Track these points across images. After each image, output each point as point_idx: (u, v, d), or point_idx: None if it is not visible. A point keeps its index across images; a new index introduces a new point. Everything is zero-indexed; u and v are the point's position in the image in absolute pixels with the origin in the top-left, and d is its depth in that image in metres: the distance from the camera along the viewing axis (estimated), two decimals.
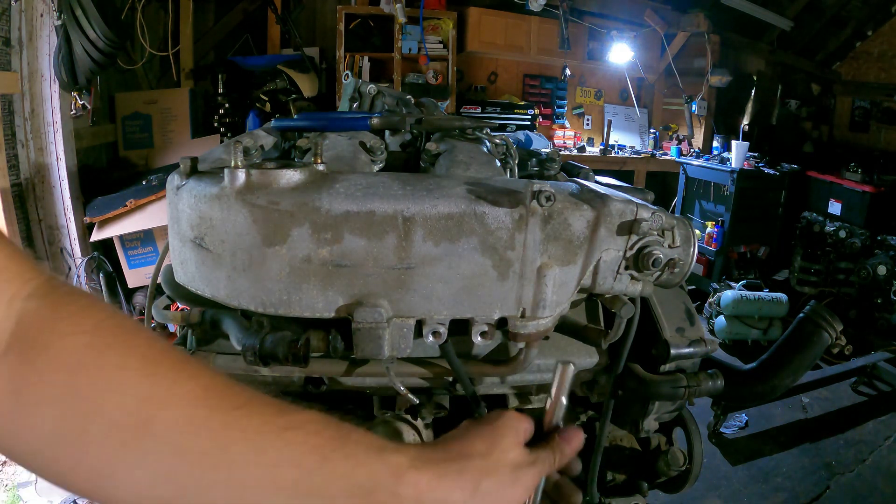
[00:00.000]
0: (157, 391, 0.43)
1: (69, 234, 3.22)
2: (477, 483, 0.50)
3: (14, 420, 0.42)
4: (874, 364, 3.69)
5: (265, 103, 4.43)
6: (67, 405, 0.42)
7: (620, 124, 6.15)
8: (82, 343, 0.43)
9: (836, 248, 4.62)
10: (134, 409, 0.42)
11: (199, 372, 0.46)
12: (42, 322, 0.43)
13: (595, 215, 0.68)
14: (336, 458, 0.45)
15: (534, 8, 4.76)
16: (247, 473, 0.43)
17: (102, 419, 0.42)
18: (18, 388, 0.42)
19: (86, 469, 0.43)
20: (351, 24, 4.87)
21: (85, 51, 2.94)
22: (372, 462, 0.47)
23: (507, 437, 0.56)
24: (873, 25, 5.85)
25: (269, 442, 0.44)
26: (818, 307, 1.00)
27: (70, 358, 0.43)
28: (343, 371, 0.81)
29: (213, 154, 0.85)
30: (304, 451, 0.45)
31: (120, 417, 0.42)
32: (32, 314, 0.43)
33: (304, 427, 0.46)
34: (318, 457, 0.45)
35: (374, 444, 0.48)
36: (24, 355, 0.42)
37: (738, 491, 2.82)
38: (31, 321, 0.43)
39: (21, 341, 0.43)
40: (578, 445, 0.62)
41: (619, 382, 0.87)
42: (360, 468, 0.46)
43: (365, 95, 1.33)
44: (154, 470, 0.42)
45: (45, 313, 0.44)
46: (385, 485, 0.46)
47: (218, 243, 0.67)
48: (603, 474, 1.02)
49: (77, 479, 0.43)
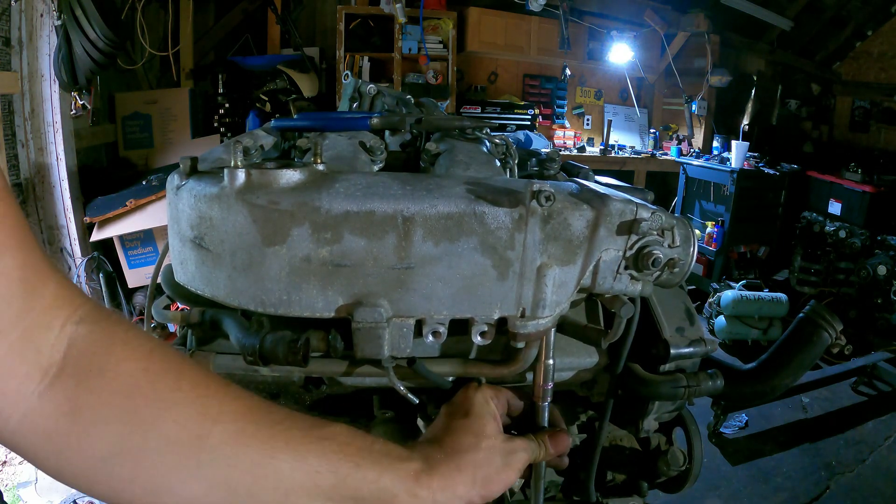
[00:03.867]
0: (210, 410, 0.47)
1: (69, 234, 3.23)
2: (474, 475, 0.58)
3: (70, 439, 0.44)
4: (874, 364, 3.69)
5: (265, 103, 4.43)
6: (125, 424, 0.45)
7: (620, 124, 6.15)
8: (138, 368, 0.47)
9: (836, 248, 4.62)
10: (189, 426, 0.46)
11: (243, 393, 0.51)
12: (96, 347, 0.46)
13: (595, 215, 0.68)
14: (366, 465, 0.51)
15: (534, 8, 4.76)
16: (292, 479, 0.48)
17: (160, 435, 0.45)
18: (76, 408, 0.44)
19: (142, 483, 0.46)
20: (351, 24, 4.88)
21: (85, 51, 2.94)
22: (396, 468, 0.53)
23: (487, 423, 0.64)
24: (873, 25, 5.85)
25: (310, 451, 0.49)
26: (818, 307, 0.99)
27: (127, 381, 0.46)
28: (343, 371, 0.81)
29: (213, 154, 0.85)
30: (340, 459, 0.50)
31: (176, 433, 0.45)
32: (85, 339, 0.46)
33: (337, 438, 0.52)
34: (351, 464, 0.50)
35: (394, 452, 0.55)
36: (80, 378, 0.45)
37: (738, 491, 2.82)
38: (84, 346, 0.46)
39: (76, 365, 0.45)
40: (563, 449, 0.69)
41: (619, 382, 0.87)
42: (385, 474, 0.52)
43: (365, 95, 1.33)
44: (209, 480, 0.46)
45: (98, 338, 0.47)
46: (406, 488, 0.53)
47: (218, 243, 0.67)
48: (603, 474, 1.02)
49: (133, 493, 0.46)
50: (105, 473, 0.45)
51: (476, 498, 0.57)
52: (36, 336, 0.44)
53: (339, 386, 0.88)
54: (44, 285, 0.45)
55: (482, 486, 0.58)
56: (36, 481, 2.39)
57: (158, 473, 0.45)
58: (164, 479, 0.46)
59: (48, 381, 0.44)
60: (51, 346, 0.45)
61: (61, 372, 0.45)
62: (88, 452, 0.44)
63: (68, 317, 0.46)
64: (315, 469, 0.49)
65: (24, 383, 0.43)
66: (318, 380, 0.86)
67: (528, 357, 0.75)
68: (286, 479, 0.48)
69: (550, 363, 0.74)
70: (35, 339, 0.44)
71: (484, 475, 0.59)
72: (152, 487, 0.46)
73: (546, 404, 0.74)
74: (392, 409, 0.91)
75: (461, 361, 0.79)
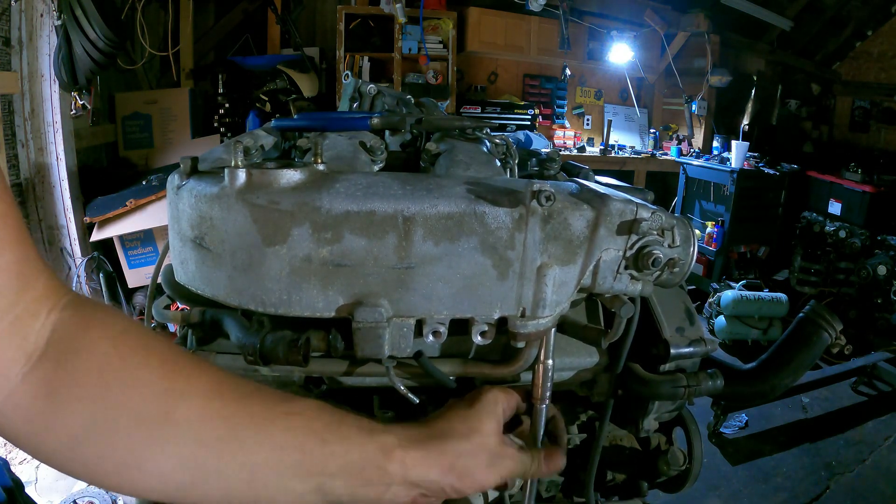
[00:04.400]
0: (176, 385, 0.48)
1: (69, 234, 3.23)
2: (454, 462, 0.56)
3: (47, 418, 0.46)
4: (874, 364, 3.69)
5: (265, 103, 4.43)
6: (96, 402, 0.46)
7: (620, 124, 6.15)
8: (109, 346, 0.48)
9: (836, 248, 4.62)
10: (157, 402, 0.47)
11: (210, 369, 0.52)
12: (74, 330, 0.48)
13: (595, 215, 0.68)
14: (333, 440, 0.51)
15: (534, 8, 4.76)
16: (256, 455, 0.48)
17: (129, 412, 0.46)
18: (53, 389, 0.46)
19: (113, 460, 0.47)
20: (351, 24, 4.88)
21: (85, 51, 2.94)
22: (364, 443, 0.52)
23: (487, 421, 0.62)
24: (873, 25, 5.85)
25: (275, 426, 0.49)
26: (818, 307, 0.99)
27: (99, 360, 0.47)
28: (343, 371, 0.81)
29: (213, 154, 0.85)
30: (305, 434, 0.50)
31: (144, 410, 0.47)
32: (66, 324, 0.48)
33: (304, 413, 0.51)
34: (317, 439, 0.50)
35: (365, 426, 0.54)
36: (57, 360, 0.47)
37: (738, 491, 2.82)
38: (64, 330, 0.48)
39: (55, 348, 0.47)
40: (556, 469, 0.68)
41: (619, 382, 0.87)
42: (354, 449, 0.51)
43: (365, 95, 1.33)
44: (176, 456, 0.47)
45: (77, 322, 0.49)
46: (376, 462, 0.52)
47: (218, 243, 0.67)
48: (603, 474, 1.02)
49: (105, 470, 0.47)
50: (78, 451, 0.46)
51: (448, 487, 0.56)
52: (24, 324, 0.46)
53: (340, 386, 0.88)
54: (36, 279, 0.48)
55: (458, 478, 0.56)
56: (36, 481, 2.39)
57: (127, 450, 0.46)
58: (132, 456, 0.46)
59: (31, 364, 0.46)
60: (36, 333, 0.47)
61: (43, 355, 0.47)
62: (63, 431, 0.46)
63: (54, 305, 0.48)
64: (280, 445, 0.49)
65: (9, 367, 0.45)
66: (318, 379, 0.86)
67: (528, 357, 0.76)
68: (251, 456, 0.48)
69: (550, 363, 0.74)
70: (23, 327, 0.46)
71: (464, 467, 0.57)
72: (122, 464, 0.47)
73: (545, 406, 0.73)
74: (392, 410, 0.91)
75: (461, 361, 0.80)
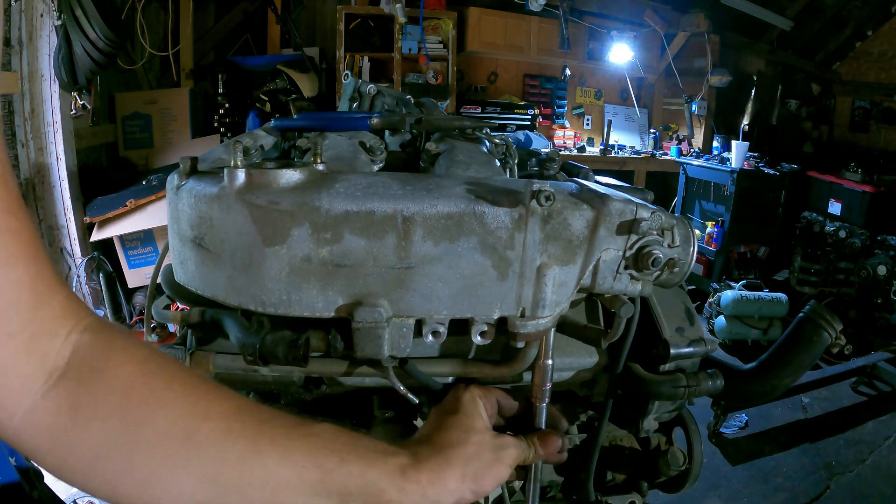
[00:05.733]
0: (199, 408, 0.50)
1: (69, 234, 3.23)
2: (464, 469, 0.58)
3: (69, 435, 0.47)
4: (874, 364, 3.69)
5: (265, 103, 4.43)
6: (120, 420, 0.47)
7: (620, 124, 6.15)
8: (134, 370, 0.50)
9: (836, 248, 4.62)
10: (180, 422, 0.49)
11: (231, 394, 0.54)
12: (96, 352, 0.50)
13: (595, 215, 0.68)
14: (351, 459, 0.52)
15: (534, 8, 4.76)
16: (278, 474, 0.50)
17: (152, 431, 0.48)
18: (75, 406, 0.47)
19: (134, 477, 0.48)
20: (351, 24, 4.88)
21: (85, 51, 2.94)
22: (381, 463, 0.54)
23: (476, 419, 0.64)
24: (873, 25, 5.85)
25: (295, 447, 0.51)
26: (818, 307, 0.99)
27: (123, 382, 0.49)
28: (343, 371, 0.81)
29: (212, 154, 0.85)
30: (325, 454, 0.52)
31: (168, 429, 0.48)
32: (87, 346, 0.50)
33: (322, 435, 0.53)
34: (336, 459, 0.52)
35: (380, 447, 0.55)
36: (80, 379, 0.48)
37: (739, 491, 2.82)
38: (86, 352, 0.49)
39: (77, 368, 0.48)
40: (553, 450, 0.69)
41: (619, 382, 0.87)
42: (371, 468, 0.53)
43: (365, 95, 1.33)
44: (198, 475, 0.48)
45: (99, 345, 0.50)
46: (394, 482, 0.53)
47: (218, 243, 0.67)
48: (603, 474, 1.02)
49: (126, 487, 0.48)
50: (100, 468, 0.47)
51: (467, 493, 0.57)
52: (43, 341, 0.47)
53: (339, 386, 0.88)
54: (52, 297, 0.49)
55: (473, 481, 0.58)
56: None
57: (149, 468, 0.47)
58: (154, 474, 0.47)
59: (52, 382, 0.47)
60: (56, 352, 0.48)
61: (64, 375, 0.48)
62: (85, 447, 0.47)
63: (73, 326, 0.50)
64: (301, 464, 0.50)
65: (29, 383, 0.46)
66: (317, 380, 0.86)
67: (529, 357, 0.76)
68: (272, 475, 0.49)
69: (549, 363, 0.74)
70: (42, 344, 0.47)
71: (474, 470, 0.59)
72: (144, 481, 0.48)
73: (544, 405, 0.73)
74: (392, 409, 0.91)
75: (461, 362, 0.79)
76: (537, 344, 0.74)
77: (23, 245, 0.46)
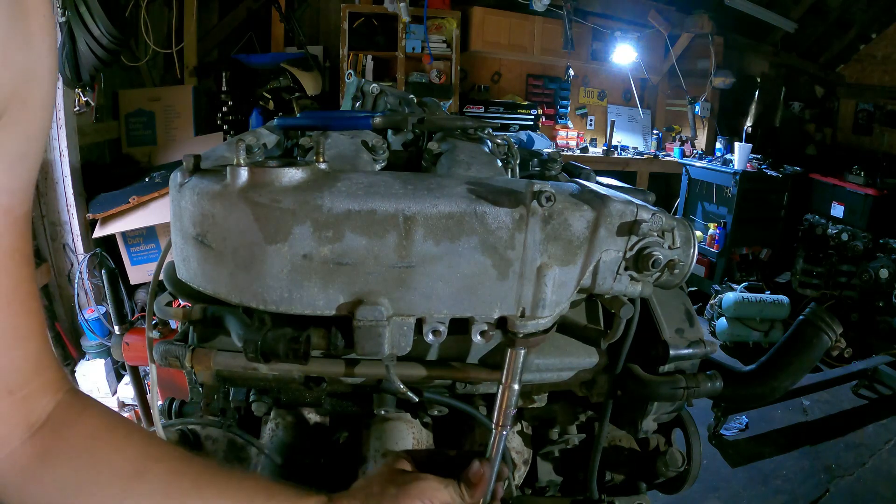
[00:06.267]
0: (151, 452, 0.60)
1: (72, 230, 3.23)
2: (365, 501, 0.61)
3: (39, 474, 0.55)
4: (875, 367, 3.68)
5: (269, 101, 4.43)
6: (84, 460, 0.56)
7: (623, 125, 6.14)
8: (99, 423, 0.60)
9: (839, 251, 4.61)
10: (134, 462, 0.58)
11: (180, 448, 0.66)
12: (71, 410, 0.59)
13: (595, 216, 0.68)
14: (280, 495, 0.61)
15: (537, 8, 4.76)
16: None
17: (110, 469, 0.57)
18: (47, 450, 0.56)
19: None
20: (355, 22, 4.87)
21: (89, 48, 2.95)
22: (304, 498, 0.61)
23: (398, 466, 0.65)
24: (877, 28, 5.83)
25: (230, 485, 0.60)
26: (818, 309, 1.00)
27: (89, 430, 0.58)
28: (343, 369, 0.81)
29: (216, 152, 0.85)
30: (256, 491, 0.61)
31: (123, 467, 0.57)
32: (65, 405, 0.59)
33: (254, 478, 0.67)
34: (265, 495, 0.60)
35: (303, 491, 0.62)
36: (54, 430, 0.57)
37: (738, 493, 2.82)
38: (62, 409, 0.58)
39: (53, 422, 0.57)
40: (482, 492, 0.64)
41: (619, 383, 0.88)
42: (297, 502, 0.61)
43: (368, 94, 1.34)
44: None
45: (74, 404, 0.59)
46: None
47: (220, 240, 0.68)
48: (602, 474, 1.02)
49: None
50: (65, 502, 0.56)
51: None
52: (33, 400, 0.56)
53: (339, 384, 0.88)
54: (48, 366, 0.59)
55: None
56: None
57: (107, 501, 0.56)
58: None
59: (32, 432, 0.56)
60: (41, 408, 0.57)
61: (42, 426, 0.57)
62: (52, 486, 0.55)
63: (57, 390, 0.59)
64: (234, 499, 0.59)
65: (14, 431, 0.55)
66: (317, 378, 0.86)
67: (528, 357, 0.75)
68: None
69: (516, 388, 0.71)
70: (31, 403, 0.56)
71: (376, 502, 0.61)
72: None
73: (505, 433, 0.69)
74: (391, 407, 0.92)
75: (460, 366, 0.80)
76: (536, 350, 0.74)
77: (38, 325, 0.56)
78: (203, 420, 0.95)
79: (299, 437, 0.96)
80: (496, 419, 0.70)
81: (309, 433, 0.97)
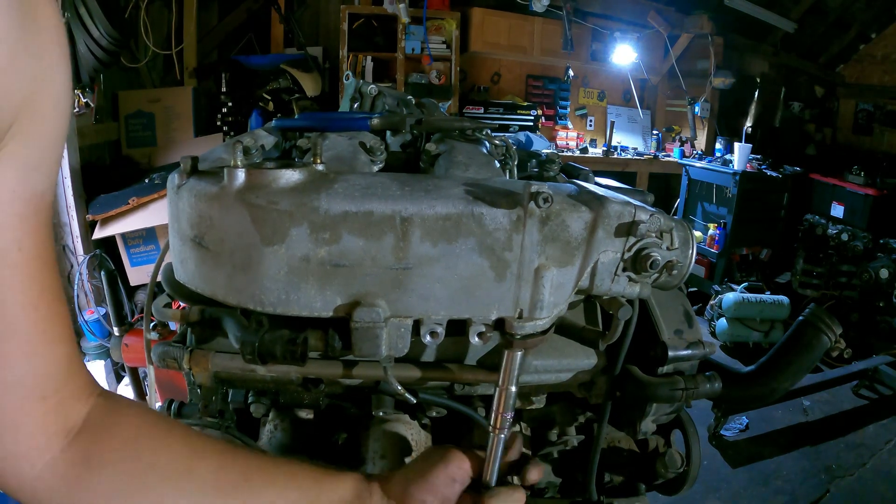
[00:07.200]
0: (195, 449, 0.60)
1: (71, 231, 3.23)
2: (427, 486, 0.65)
3: (83, 481, 0.55)
4: (875, 367, 3.68)
5: (268, 102, 4.43)
6: (129, 464, 0.57)
7: (623, 126, 6.14)
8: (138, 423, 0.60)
9: (839, 251, 4.60)
10: (180, 460, 0.58)
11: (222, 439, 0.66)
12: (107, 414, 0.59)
13: (593, 217, 0.68)
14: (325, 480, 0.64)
15: (537, 9, 4.76)
16: (265, 497, 0.60)
17: (157, 470, 0.57)
18: (89, 456, 0.55)
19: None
20: (354, 23, 4.87)
21: (88, 49, 2.95)
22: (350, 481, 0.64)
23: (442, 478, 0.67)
24: (877, 28, 5.83)
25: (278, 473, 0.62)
26: (817, 310, 0.99)
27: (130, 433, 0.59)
28: (340, 370, 0.81)
29: (213, 153, 0.85)
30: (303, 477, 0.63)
31: (170, 467, 0.57)
32: (100, 409, 0.59)
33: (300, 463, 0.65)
34: (312, 480, 0.63)
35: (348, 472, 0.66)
36: (94, 435, 0.57)
37: (739, 493, 2.82)
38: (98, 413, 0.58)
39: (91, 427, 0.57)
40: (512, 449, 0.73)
41: (617, 384, 0.88)
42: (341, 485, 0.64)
43: (366, 96, 1.34)
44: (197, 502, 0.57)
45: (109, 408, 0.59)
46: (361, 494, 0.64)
47: (217, 242, 0.68)
48: (601, 476, 1.02)
49: None
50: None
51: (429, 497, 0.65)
52: (68, 406, 0.56)
53: (337, 385, 0.88)
54: (78, 370, 0.59)
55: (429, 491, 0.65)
56: None
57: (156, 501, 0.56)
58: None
59: (70, 438, 0.56)
60: (77, 414, 0.57)
61: (80, 432, 0.56)
62: (98, 490, 0.55)
63: (90, 394, 0.59)
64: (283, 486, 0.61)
65: (52, 439, 0.55)
66: (315, 379, 0.86)
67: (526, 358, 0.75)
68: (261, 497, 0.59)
69: (513, 390, 0.71)
70: (66, 408, 0.56)
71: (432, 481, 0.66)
72: None
73: (503, 436, 0.70)
74: (390, 409, 0.92)
75: (458, 367, 0.80)
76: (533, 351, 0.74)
77: (66, 328, 0.55)
78: (202, 421, 0.95)
79: (298, 438, 0.96)
80: (493, 422, 0.70)
81: (307, 434, 0.97)
